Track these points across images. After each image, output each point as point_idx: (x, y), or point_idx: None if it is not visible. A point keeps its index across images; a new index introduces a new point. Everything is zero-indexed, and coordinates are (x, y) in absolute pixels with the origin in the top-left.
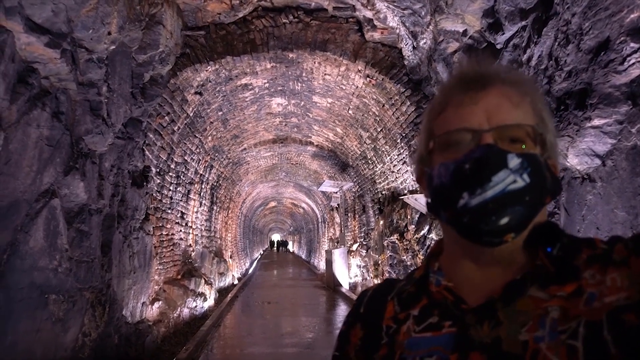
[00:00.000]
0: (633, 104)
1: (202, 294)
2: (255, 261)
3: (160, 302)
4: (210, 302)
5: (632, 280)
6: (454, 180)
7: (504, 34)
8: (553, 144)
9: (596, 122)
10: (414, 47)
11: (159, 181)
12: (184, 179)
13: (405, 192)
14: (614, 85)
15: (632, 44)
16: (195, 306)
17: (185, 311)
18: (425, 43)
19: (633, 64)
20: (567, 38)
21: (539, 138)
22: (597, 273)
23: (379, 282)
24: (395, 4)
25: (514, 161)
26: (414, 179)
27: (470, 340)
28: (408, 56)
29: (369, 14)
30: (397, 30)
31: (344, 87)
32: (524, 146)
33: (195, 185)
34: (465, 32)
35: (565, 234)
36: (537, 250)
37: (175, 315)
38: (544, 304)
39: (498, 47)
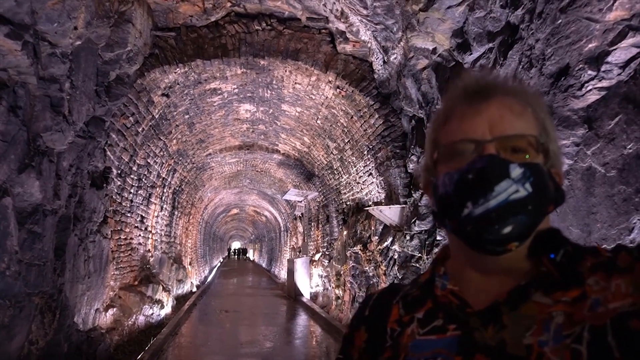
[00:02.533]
0: (589, 128)
1: (159, 301)
2: (215, 269)
3: (115, 309)
4: (167, 309)
5: (636, 286)
6: (458, 190)
7: (471, 54)
8: (556, 153)
9: None
10: (384, 62)
11: (119, 183)
12: (145, 182)
13: (370, 203)
14: (572, 109)
15: (589, 72)
16: (152, 314)
17: (141, 319)
18: (395, 58)
19: (590, 90)
20: (530, 62)
21: (541, 147)
22: (601, 280)
23: (340, 290)
24: (368, 18)
25: (516, 171)
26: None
27: (475, 343)
28: (378, 70)
29: (342, 26)
30: (369, 44)
31: (313, 97)
32: (527, 156)
33: (157, 189)
34: (434, 50)
35: (569, 241)
36: (540, 257)
37: (130, 322)
38: (548, 309)
39: (466, 66)
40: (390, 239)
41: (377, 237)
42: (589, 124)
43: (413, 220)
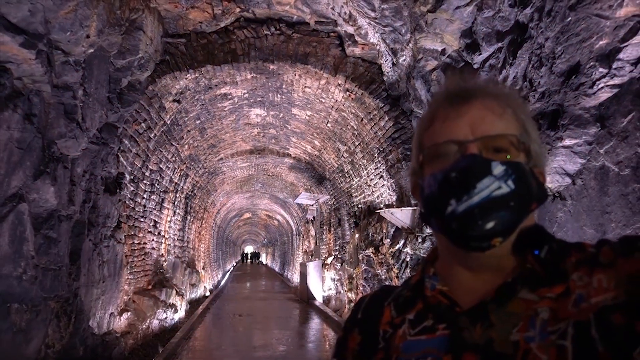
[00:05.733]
0: (601, 126)
1: (172, 305)
2: (228, 273)
3: (129, 313)
4: (181, 313)
5: (618, 281)
6: (442, 189)
7: (480, 54)
8: (538, 153)
9: (567, 142)
10: (393, 64)
11: (132, 189)
12: (158, 187)
13: (382, 206)
14: (584, 108)
15: (601, 69)
16: (166, 317)
17: (155, 323)
18: (404, 60)
19: (602, 88)
20: (540, 61)
21: (522, 147)
22: (585, 275)
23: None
24: (376, 20)
25: (498, 168)
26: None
27: (464, 342)
28: (387, 72)
29: (350, 29)
30: (378, 47)
31: (323, 101)
32: (508, 156)
33: (170, 194)
34: (443, 51)
35: (554, 238)
36: (525, 254)
37: (144, 326)
38: (534, 306)
39: (475, 66)
40: (402, 242)
41: (389, 240)
42: (601, 122)
43: None
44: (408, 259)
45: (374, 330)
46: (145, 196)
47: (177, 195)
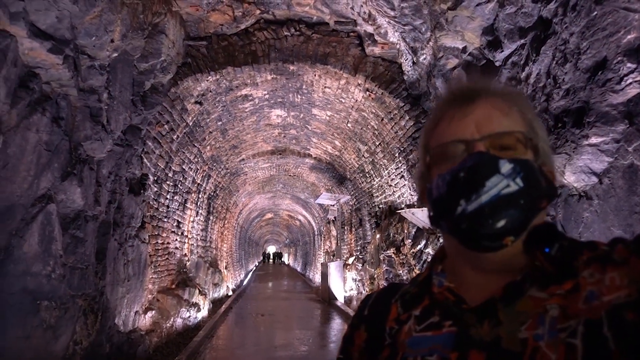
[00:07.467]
0: (630, 123)
1: (196, 304)
2: (250, 272)
3: (154, 312)
4: (204, 312)
5: (631, 279)
6: (451, 189)
7: (503, 51)
8: (546, 151)
9: (593, 140)
10: (413, 63)
11: (156, 189)
12: (181, 187)
13: (403, 206)
14: (611, 104)
15: (629, 64)
16: (189, 316)
17: (179, 321)
18: (425, 59)
19: (630, 83)
20: (565, 57)
21: (529, 144)
22: (596, 272)
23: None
24: (396, 19)
25: (505, 166)
26: (416, 193)
27: (470, 339)
28: (408, 71)
29: (370, 29)
30: (398, 46)
31: (343, 101)
32: (515, 153)
33: (192, 195)
34: (464, 49)
35: (564, 236)
36: (535, 252)
37: (168, 325)
38: (543, 303)
39: (497, 64)
40: (423, 242)
41: (410, 240)
42: (629, 119)
43: None
44: (429, 260)
45: (380, 327)
46: (168, 197)
47: (200, 196)
